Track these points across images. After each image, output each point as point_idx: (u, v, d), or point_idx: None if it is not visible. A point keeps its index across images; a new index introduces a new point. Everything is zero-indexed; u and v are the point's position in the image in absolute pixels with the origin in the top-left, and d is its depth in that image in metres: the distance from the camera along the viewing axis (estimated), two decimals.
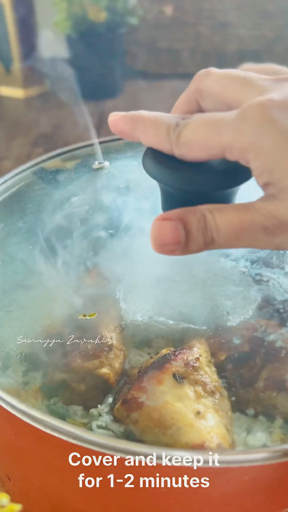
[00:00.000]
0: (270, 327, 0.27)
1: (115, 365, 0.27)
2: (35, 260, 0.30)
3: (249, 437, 0.26)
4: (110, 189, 0.35)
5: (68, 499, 0.27)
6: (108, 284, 0.28)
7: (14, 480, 0.30)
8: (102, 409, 0.26)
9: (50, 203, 0.34)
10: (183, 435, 0.24)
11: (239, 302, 0.27)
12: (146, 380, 0.25)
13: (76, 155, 0.40)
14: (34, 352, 0.26)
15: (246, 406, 0.27)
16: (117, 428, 0.24)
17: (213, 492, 0.24)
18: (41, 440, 0.24)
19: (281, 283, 0.28)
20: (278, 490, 0.24)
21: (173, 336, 0.26)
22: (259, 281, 0.28)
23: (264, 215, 0.25)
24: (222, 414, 0.25)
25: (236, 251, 0.30)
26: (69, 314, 0.27)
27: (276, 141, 0.25)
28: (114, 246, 0.30)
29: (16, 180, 0.38)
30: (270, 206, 0.25)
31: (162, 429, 0.24)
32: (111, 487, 0.24)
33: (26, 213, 0.34)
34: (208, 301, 0.27)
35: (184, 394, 0.25)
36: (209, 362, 0.26)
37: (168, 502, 0.24)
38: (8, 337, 0.27)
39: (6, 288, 0.29)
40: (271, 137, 0.25)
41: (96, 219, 0.33)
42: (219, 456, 0.22)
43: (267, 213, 0.25)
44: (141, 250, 0.30)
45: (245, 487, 0.24)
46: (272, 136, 0.25)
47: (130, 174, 0.36)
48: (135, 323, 0.27)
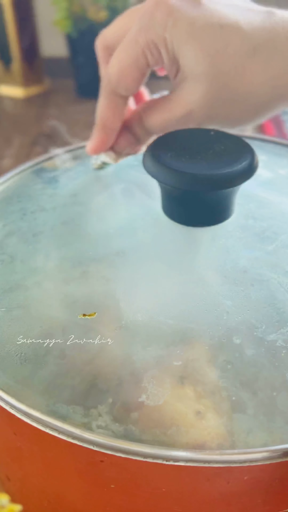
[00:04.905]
0: (270, 326, 0.26)
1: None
2: (35, 259, 0.30)
3: (249, 437, 0.26)
4: (110, 189, 0.35)
5: (68, 499, 0.27)
6: (108, 283, 0.28)
7: (13, 480, 0.30)
8: (102, 409, 0.26)
9: (49, 203, 0.34)
10: (183, 435, 0.24)
11: (239, 301, 0.27)
12: (146, 380, 0.25)
13: (77, 155, 0.40)
14: (34, 352, 0.26)
15: (246, 406, 0.26)
16: (117, 428, 0.24)
17: (213, 492, 0.24)
18: (41, 440, 0.24)
19: (282, 282, 0.28)
20: (278, 490, 0.24)
21: (173, 335, 0.26)
22: (259, 280, 0.28)
23: (180, 104, 0.31)
24: (222, 414, 0.25)
25: (236, 250, 0.29)
26: (69, 314, 0.27)
27: (181, 32, 0.29)
28: (114, 245, 0.30)
29: (16, 180, 0.38)
30: (181, 94, 0.31)
31: (162, 429, 0.24)
32: (111, 487, 0.24)
33: (26, 213, 0.34)
34: (208, 300, 0.27)
35: (184, 394, 0.25)
36: (209, 361, 0.26)
37: (168, 502, 0.24)
38: (8, 337, 0.27)
39: (6, 288, 0.29)
40: (174, 29, 0.29)
41: (96, 219, 0.33)
42: (219, 456, 0.22)
43: (181, 101, 0.31)
44: (140, 250, 0.30)
45: (245, 487, 0.24)
46: (177, 28, 0.29)
47: (130, 174, 0.36)
48: (135, 323, 0.27)
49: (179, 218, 0.30)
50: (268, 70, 0.29)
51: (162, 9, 0.29)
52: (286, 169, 0.38)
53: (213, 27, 0.29)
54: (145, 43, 0.30)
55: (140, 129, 0.34)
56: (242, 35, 0.29)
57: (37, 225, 0.33)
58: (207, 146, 0.29)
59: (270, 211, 0.32)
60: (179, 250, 0.30)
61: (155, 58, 0.30)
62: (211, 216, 0.30)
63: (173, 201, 0.30)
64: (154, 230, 0.31)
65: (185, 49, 0.29)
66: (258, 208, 0.32)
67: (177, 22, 0.29)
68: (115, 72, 0.31)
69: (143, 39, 0.30)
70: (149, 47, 0.30)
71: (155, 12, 0.29)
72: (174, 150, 0.29)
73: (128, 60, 0.31)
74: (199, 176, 0.27)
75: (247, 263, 0.29)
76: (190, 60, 0.29)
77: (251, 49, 0.29)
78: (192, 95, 0.30)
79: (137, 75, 0.31)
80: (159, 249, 0.30)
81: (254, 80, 0.29)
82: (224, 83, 0.29)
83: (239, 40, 0.29)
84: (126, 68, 0.31)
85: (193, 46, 0.29)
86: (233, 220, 0.31)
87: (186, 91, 0.30)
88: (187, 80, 0.30)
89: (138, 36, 0.30)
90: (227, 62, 0.29)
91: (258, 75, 0.29)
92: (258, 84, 0.29)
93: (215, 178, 0.27)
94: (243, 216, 0.31)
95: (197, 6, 0.29)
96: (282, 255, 0.29)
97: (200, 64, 0.29)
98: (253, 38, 0.29)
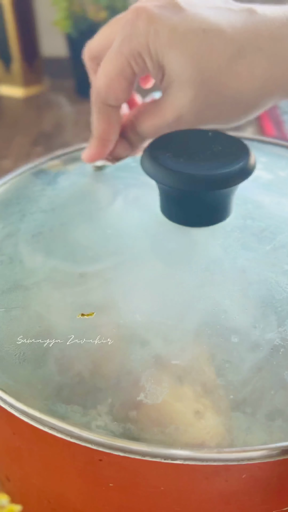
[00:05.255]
0: (268, 325, 0.27)
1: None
2: (34, 260, 0.31)
3: (248, 436, 0.26)
4: (109, 190, 0.36)
5: (67, 499, 0.27)
6: (107, 283, 0.28)
7: (13, 481, 0.30)
8: (101, 409, 0.26)
9: (49, 204, 0.35)
10: (182, 434, 0.24)
11: (237, 300, 0.27)
12: (144, 379, 0.25)
13: (76, 156, 0.40)
14: (33, 352, 0.26)
15: (245, 405, 0.27)
16: (115, 427, 0.24)
17: (212, 490, 0.24)
18: (40, 440, 0.24)
19: (279, 281, 0.28)
20: (277, 489, 0.24)
21: (172, 335, 0.26)
22: (257, 280, 0.28)
23: (169, 110, 0.32)
24: (221, 413, 0.25)
25: (234, 250, 0.30)
26: (68, 314, 0.28)
27: (163, 39, 0.29)
28: (112, 246, 0.31)
29: (15, 182, 0.38)
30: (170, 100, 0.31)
31: (161, 428, 0.24)
32: (110, 486, 0.24)
33: (25, 214, 0.34)
34: (207, 300, 0.27)
35: (182, 393, 0.25)
36: (207, 361, 0.26)
37: (167, 501, 0.24)
38: (7, 337, 0.27)
39: (5, 288, 0.29)
40: (157, 37, 0.29)
41: (95, 220, 0.33)
42: (217, 454, 0.22)
43: (170, 107, 0.32)
44: (139, 250, 0.30)
45: (243, 485, 0.24)
46: (159, 36, 0.29)
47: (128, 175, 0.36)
48: (133, 323, 0.27)
49: (177, 218, 0.31)
50: (254, 71, 0.29)
51: (143, 18, 0.29)
52: (285, 170, 0.38)
53: (196, 32, 0.29)
54: (129, 52, 0.30)
55: (134, 135, 0.34)
56: (225, 38, 0.29)
57: (36, 226, 0.33)
58: (205, 146, 0.29)
59: (268, 211, 0.32)
60: (177, 250, 0.30)
61: (140, 66, 0.31)
62: (209, 216, 0.30)
63: (171, 201, 0.30)
64: (153, 231, 0.31)
65: (169, 56, 0.29)
66: (256, 208, 0.32)
67: (159, 29, 0.29)
68: (103, 84, 0.31)
69: (126, 49, 0.30)
70: (133, 57, 0.30)
71: (136, 21, 0.29)
72: (172, 150, 0.29)
73: (114, 71, 0.31)
74: (197, 176, 0.27)
75: (245, 263, 0.29)
76: (175, 66, 0.29)
77: (235, 51, 0.29)
78: (180, 100, 0.30)
79: (125, 85, 0.31)
80: (157, 249, 0.30)
81: (241, 81, 0.29)
82: (211, 86, 0.30)
83: (222, 43, 0.29)
84: (113, 79, 0.31)
85: (176, 53, 0.29)
86: (231, 220, 0.31)
87: (174, 97, 0.31)
88: (174, 86, 0.30)
89: (122, 46, 0.30)
90: (212, 65, 0.29)
91: (245, 76, 0.29)
92: (245, 85, 0.29)
93: (213, 178, 0.27)
94: (241, 216, 0.31)
95: (178, 11, 0.29)
96: (280, 254, 0.29)
97: (185, 70, 0.29)
98: (237, 40, 0.29)
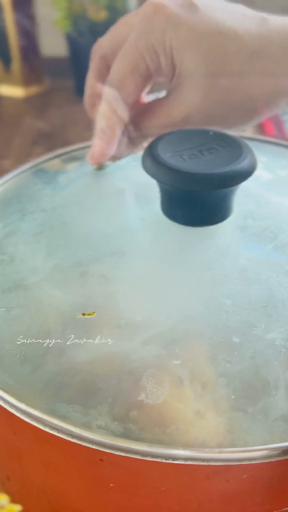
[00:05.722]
0: (269, 325, 0.27)
1: None
2: (34, 260, 0.30)
3: (250, 437, 0.26)
4: (109, 189, 0.36)
5: (67, 498, 0.27)
6: (107, 283, 0.28)
7: (13, 480, 0.30)
8: (102, 408, 0.26)
9: (49, 203, 0.35)
10: (183, 434, 0.24)
11: (239, 300, 0.27)
12: (145, 379, 0.25)
13: (77, 155, 0.40)
14: (33, 352, 0.26)
15: (246, 405, 0.27)
16: (116, 427, 0.24)
17: (213, 490, 0.24)
18: (41, 440, 0.24)
19: (281, 281, 0.28)
20: (278, 488, 0.24)
21: (173, 334, 0.26)
22: (258, 280, 0.28)
23: (178, 109, 0.32)
24: (222, 413, 0.25)
25: (235, 250, 0.30)
26: (69, 313, 0.27)
27: (180, 37, 0.29)
28: (113, 245, 0.30)
29: (15, 181, 0.38)
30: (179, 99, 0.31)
31: (162, 428, 0.24)
32: (110, 486, 0.24)
33: (25, 213, 0.34)
34: (207, 299, 0.27)
35: (183, 393, 0.25)
36: (208, 360, 0.26)
37: (167, 501, 0.24)
38: (7, 337, 0.27)
39: (5, 288, 0.29)
40: (174, 34, 0.30)
41: (95, 219, 0.33)
42: (218, 454, 0.22)
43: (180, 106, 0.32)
44: (140, 249, 0.30)
45: (244, 486, 0.24)
46: (177, 33, 0.30)
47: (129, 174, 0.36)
48: (134, 322, 0.27)
49: (178, 218, 0.30)
50: (264, 76, 0.29)
51: (161, 15, 0.30)
52: (285, 169, 0.38)
53: (213, 33, 0.29)
54: (145, 48, 0.30)
55: (136, 134, 0.35)
56: (240, 42, 0.29)
57: (37, 225, 0.33)
58: (206, 146, 0.29)
59: (269, 211, 0.32)
60: (178, 250, 0.30)
61: (154, 63, 0.31)
62: (210, 216, 0.30)
63: (172, 201, 0.30)
64: (153, 230, 0.31)
65: (184, 54, 0.30)
66: (257, 208, 0.32)
67: (177, 27, 0.29)
68: (116, 79, 0.32)
69: (142, 44, 0.30)
70: (148, 52, 0.30)
71: (154, 18, 0.30)
72: (173, 150, 0.29)
73: (129, 66, 0.31)
74: (198, 176, 0.27)
75: (246, 263, 0.29)
76: (189, 65, 0.30)
77: (248, 56, 0.29)
78: (191, 99, 0.31)
79: (138, 80, 0.32)
80: (158, 249, 0.30)
81: (252, 85, 0.30)
82: (222, 88, 0.30)
83: (237, 47, 0.29)
84: (127, 74, 0.31)
85: (192, 52, 0.29)
86: (232, 220, 0.31)
87: (185, 95, 0.31)
88: (185, 84, 0.31)
89: (138, 41, 0.30)
90: (225, 68, 0.30)
91: (255, 80, 0.30)
92: (255, 89, 0.30)
93: (214, 177, 0.27)
94: (242, 216, 0.31)
95: (195, 11, 0.30)
96: (281, 254, 0.29)
97: (199, 69, 0.30)
98: (251, 45, 0.29)
